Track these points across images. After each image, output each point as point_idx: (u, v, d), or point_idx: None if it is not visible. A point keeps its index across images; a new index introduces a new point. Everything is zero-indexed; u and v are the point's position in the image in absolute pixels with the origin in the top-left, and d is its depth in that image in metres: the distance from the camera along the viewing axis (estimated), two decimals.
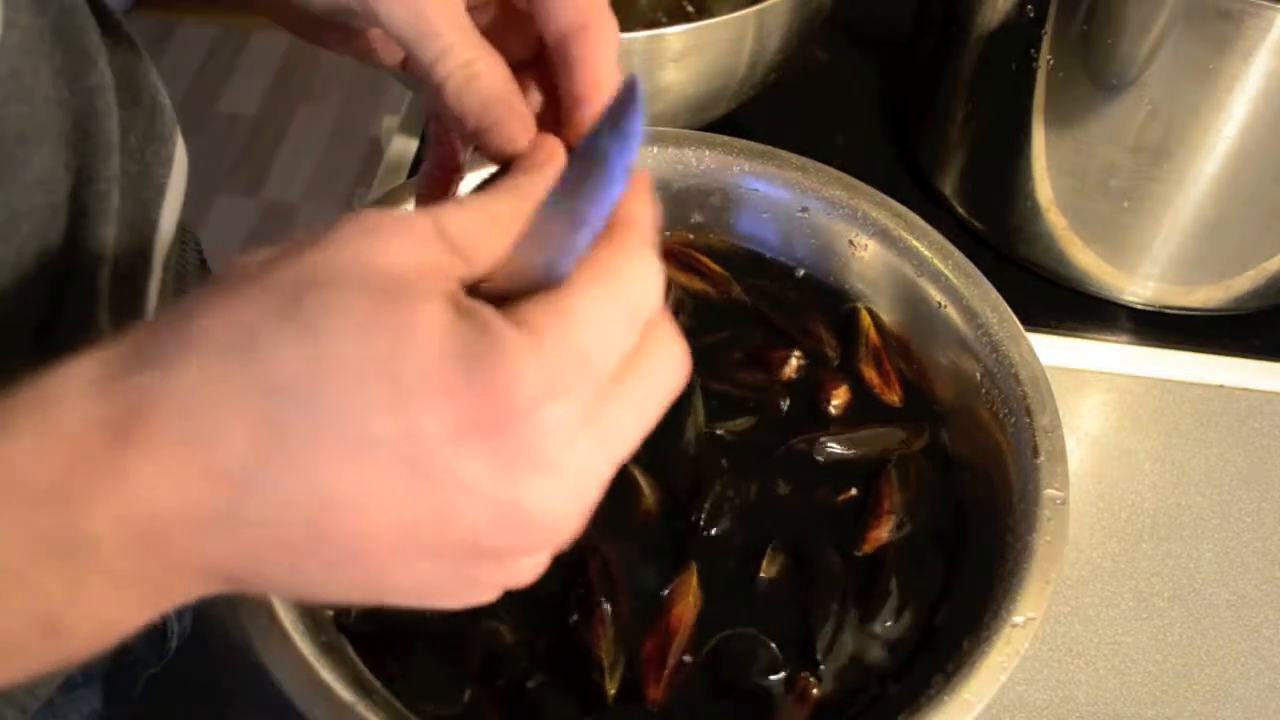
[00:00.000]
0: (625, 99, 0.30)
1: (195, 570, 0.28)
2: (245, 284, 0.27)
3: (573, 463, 0.28)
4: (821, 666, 0.45)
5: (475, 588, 0.30)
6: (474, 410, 0.26)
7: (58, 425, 0.26)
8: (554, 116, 0.39)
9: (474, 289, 0.29)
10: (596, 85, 0.36)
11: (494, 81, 0.36)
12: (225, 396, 0.26)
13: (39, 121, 0.40)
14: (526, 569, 0.30)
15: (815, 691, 0.44)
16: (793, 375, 0.54)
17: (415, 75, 0.38)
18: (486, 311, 0.27)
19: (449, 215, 0.29)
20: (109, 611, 0.28)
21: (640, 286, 0.29)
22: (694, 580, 0.46)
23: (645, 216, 0.31)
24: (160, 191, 0.49)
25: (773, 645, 0.45)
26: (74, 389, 0.27)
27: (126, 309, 0.46)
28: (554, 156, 0.34)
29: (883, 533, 0.48)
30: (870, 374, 0.54)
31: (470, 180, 0.43)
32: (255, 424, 0.26)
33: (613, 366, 0.28)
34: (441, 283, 0.28)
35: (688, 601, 0.46)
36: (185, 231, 0.55)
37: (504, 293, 0.29)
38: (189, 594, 0.28)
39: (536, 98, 0.39)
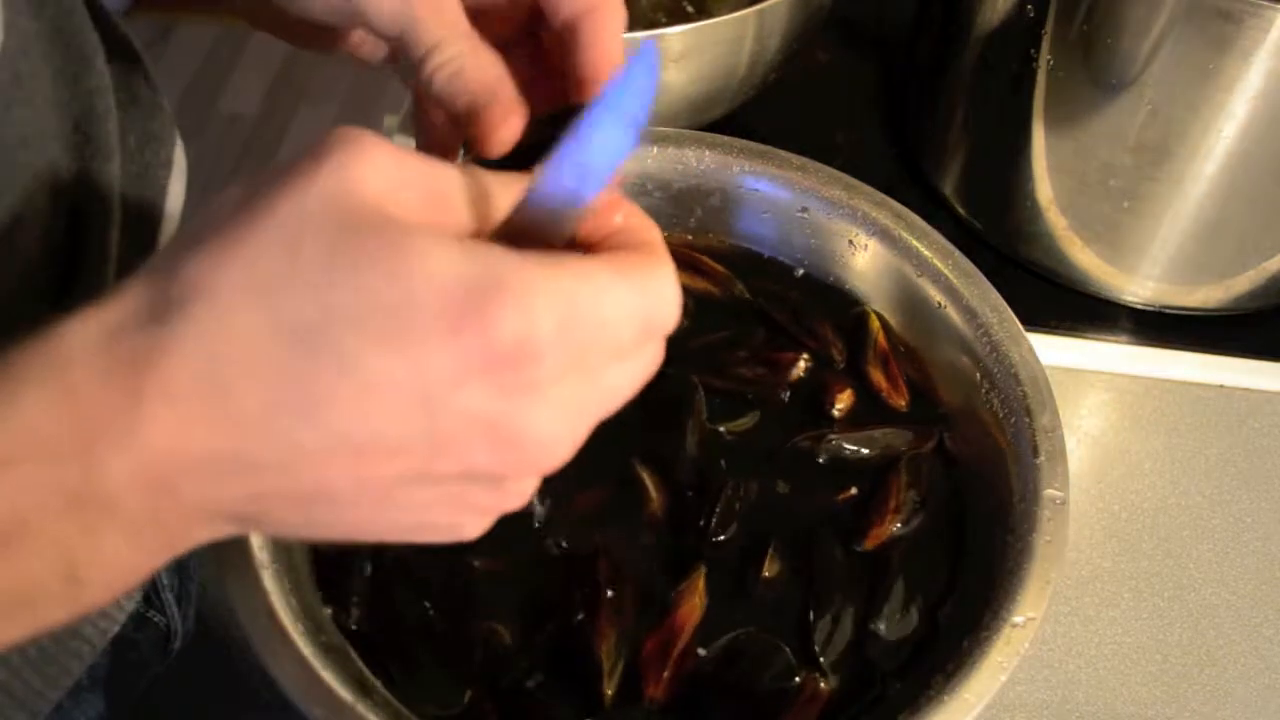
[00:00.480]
0: (639, 58, 0.30)
1: (207, 514, 0.28)
2: (239, 229, 0.27)
3: (568, 398, 0.29)
4: (821, 659, 0.45)
5: (468, 513, 0.31)
6: (481, 345, 0.27)
7: (70, 382, 0.26)
8: (547, 96, 0.39)
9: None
10: (609, 62, 0.37)
11: (482, 73, 0.36)
12: (237, 346, 0.27)
13: (40, 125, 0.40)
14: (517, 493, 0.31)
15: (824, 686, 0.44)
16: (800, 376, 0.54)
17: (403, 70, 0.38)
18: (493, 247, 0.28)
19: (436, 164, 0.30)
20: (125, 558, 0.28)
21: (661, 302, 0.30)
22: (701, 583, 0.46)
23: (664, 247, 0.31)
24: (161, 193, 0.49)
25: (785, 649, 0.45)
26: (84, 343, 0.27)
27: None
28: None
29: (886, 530, 0.48)
30: (878, 378, 0.54)
31: None
32: (267, 371, 0.27)
33: (612, 351, 0.29)
34: (437, 221, 0.28)
35: (693, 603, 0.46)
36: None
37: (510, 241, 0.29)
38: (199, 538, 0.29)
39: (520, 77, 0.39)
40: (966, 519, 0.50)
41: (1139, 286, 0.69)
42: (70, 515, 0.27)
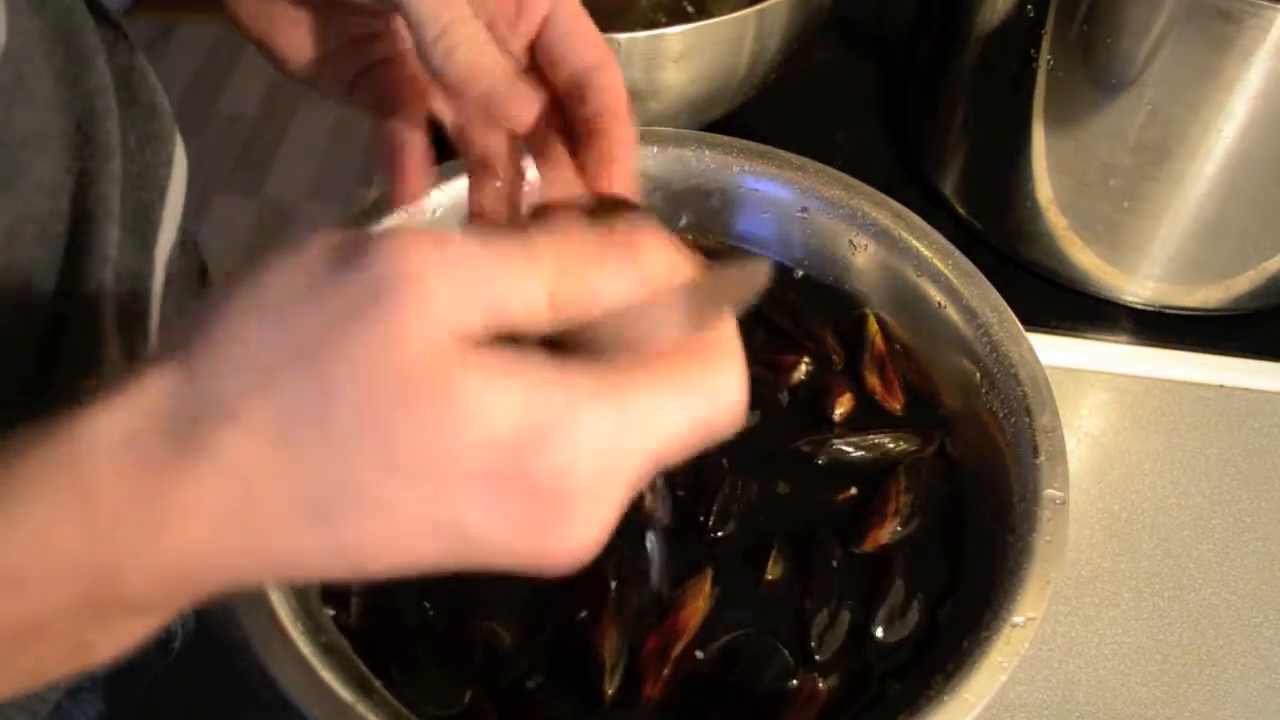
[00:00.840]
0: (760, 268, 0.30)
1: (213, 587, 0.28)
2: (287, 354, 0.26)
3: (602, 511, 0.28)
4: (816, 656, 0.45)
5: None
6: (518, 487, 0.26)
7: (90, 494, 0.25)
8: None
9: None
10: (620, 103, 0.38)
11: (479, 47, 0.37)
12: (268, 470, 0.26)
13: (41, 125, 0.40)
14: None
15: (822, 685, 0.44)
16: (800, 379, 0.54)
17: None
18: (547, 376, 0.26)
19: (508, 277, 0.26)
20: (138, 633, 0.28)
21: (725, 403, 0.28)
22: (707, 586, 0.46)
23: (736, 344, 0.30)
24: (161, 193, 0.49)
25: (784, 650, 0.45)
26: (105, 452, 0.26)
27: (130, 311, 0.46)
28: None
29: (885, 532, 0.48)
30: (873, 381, 0.54)
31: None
32: (297, 501, 0.26)
33: (664, 455, 0.28)
34: (490, 390, 0.26)
35: (697, 605, 0.46)
36: (185, 234, 0.55)
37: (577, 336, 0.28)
38: (201, 601, 0.29)
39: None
40: (966, 519, 0.50)
41: (1139, 286, 0.69)
42: (87, 615, 0.27)
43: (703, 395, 0.28)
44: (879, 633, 0.46)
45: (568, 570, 0.29)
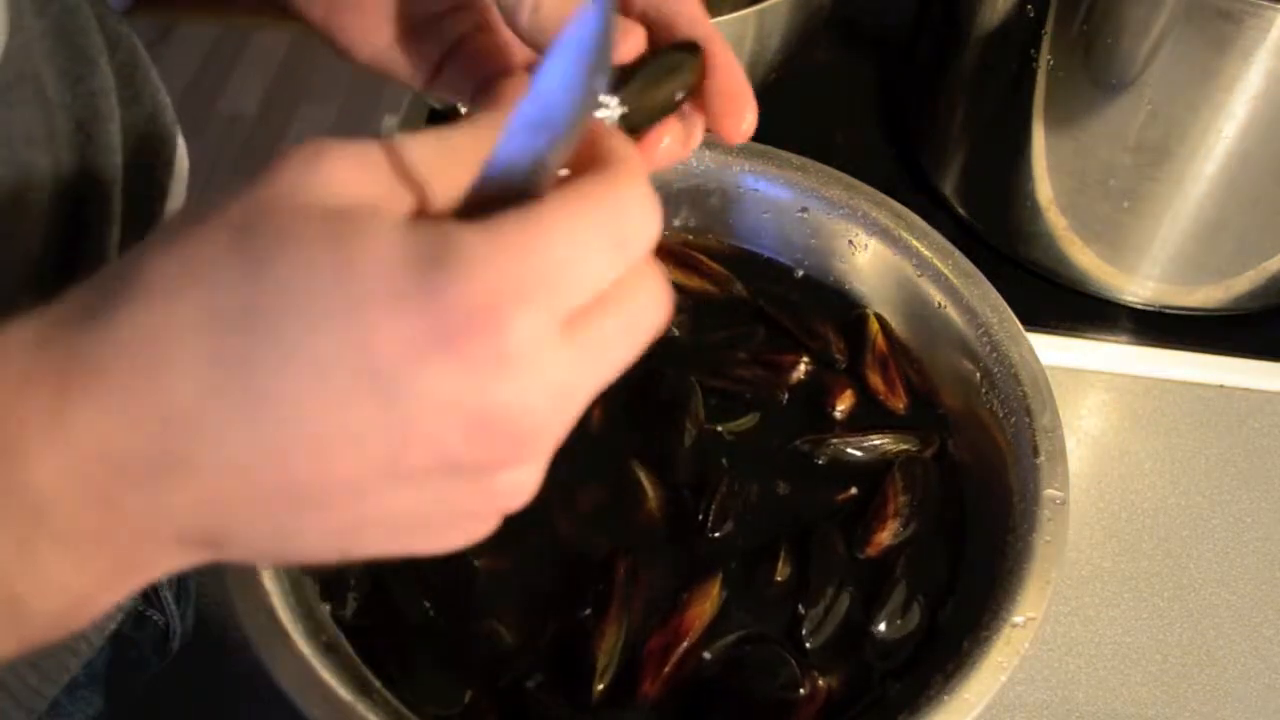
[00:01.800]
0: (590, 10, 0.27)
1: (161, 533, 0.26)
2: (188, 225, 0.26)
3: (546, 366, 0.25)
4: (807, 645, 0.45)
5: (461, 517, 0.28)
6: (430, 316, 0.24)
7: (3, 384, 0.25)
8: None
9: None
10: (700, 27, 0.36)
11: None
12: (171, 334, 0.24)
13: (44, 124, 0.40)
14: (513, 487, 0.27)
15: (822, 684, 0.44)
16: (800, 378, 0.54)
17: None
18: (442, 222, 0.25)
19: (401, 144, 0.27)
20: (70, 579, 0.26)
21: (627, 214, 0.26)
22: (716, 589, 0.46)
23: (634, 157, 0.28)
24: (162, 193, 0.49)
25: (792, 660, 0.45)
26: (13, 344, 0.25)
27: None
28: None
29: (887, 536, 0.48)
30: (875, 380, 0.54)
31: None
32: (203, 360, 0.24)
33: (589, 288, 0.26)
34: (392, 206, 0.26)
35: (704, 607, 0.46)
36: None
37: (480, 212, 0.26)
38: (163, 562, 0.27)
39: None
40: (966, 519, 0.50)
41: (1139, 286, 0.69)
42: (5, 539, 0.25)
43: (597, 204, 0.26)
44: (880, 632, 0.46)
45: (537, 451, 0.27)
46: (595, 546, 0.47)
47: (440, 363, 0.24)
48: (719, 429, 0.52)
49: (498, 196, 0.26)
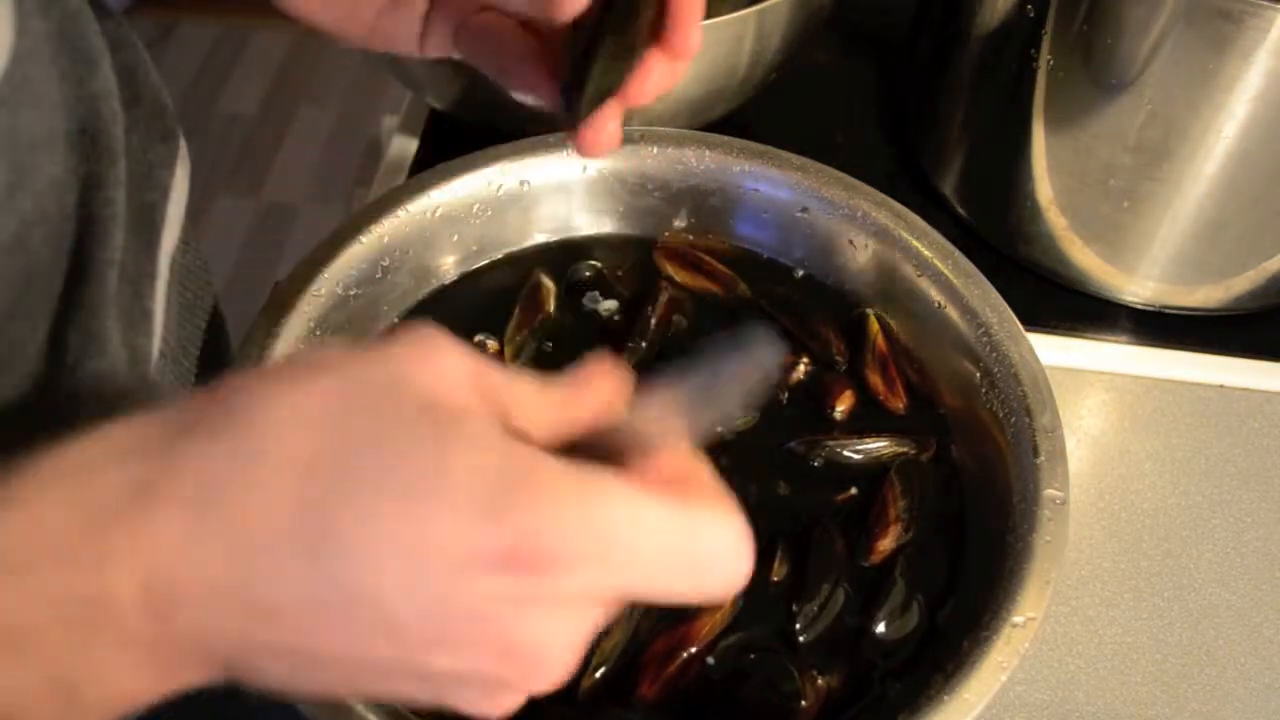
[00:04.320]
0: (762, 336, 0.30)
1: (198, 651, 0.27)
2: (301, 376, 0.27)
3: (578, 625, 0.28)
4: (800, 639, 0.45)
5: (456, 704, 0.30)
6: (495, 539, 0.26)
7: (88, 487, 0.26)
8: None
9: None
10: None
11: None
12: (261, 475, 0.26)
13: (48, 128, 0.40)
14: (503, 704, 0.29)
15: (822, 683, 0.44)
16: (799, 379, 0.54)
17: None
18: (545, 452, 0.27)
19: (505, 371, 0.30)
20: (124, 681, 0.27)
21: (719, 552, 0.29)
22: (731, 600, 0.46)
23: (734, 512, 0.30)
24: (165, 193, 0.49)
25: (795, 673, 0.45)
26: (107, 452, 0.27)
27: (134, 310, 0.46)
28: (610, 377, 0.33)
29: (889, 542, 0.48)
30: (876, 381, 0.54)
31: None
32: (284, 508, 0.26)
33: (642, 591, 0.28)
34: (488, 420, 0.28)
35: (715, 616, 0.46)
36: (186, 233, 0.55)
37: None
38: (186, 678, 0.28)
39: None
40: (966, 519, 0.50)
41: (1139, 286, 0.69)
42: (77, 627, 0.26)
43: (695, 525, 0.28)
44: (880, 632, 0.46)
45: (537, 688, 0.29)
46: None
47: (495, 582, 0.26)
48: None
49: (599, 450, 0.29)
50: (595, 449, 0.29)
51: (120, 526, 0.26)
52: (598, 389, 0.31)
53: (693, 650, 0.45)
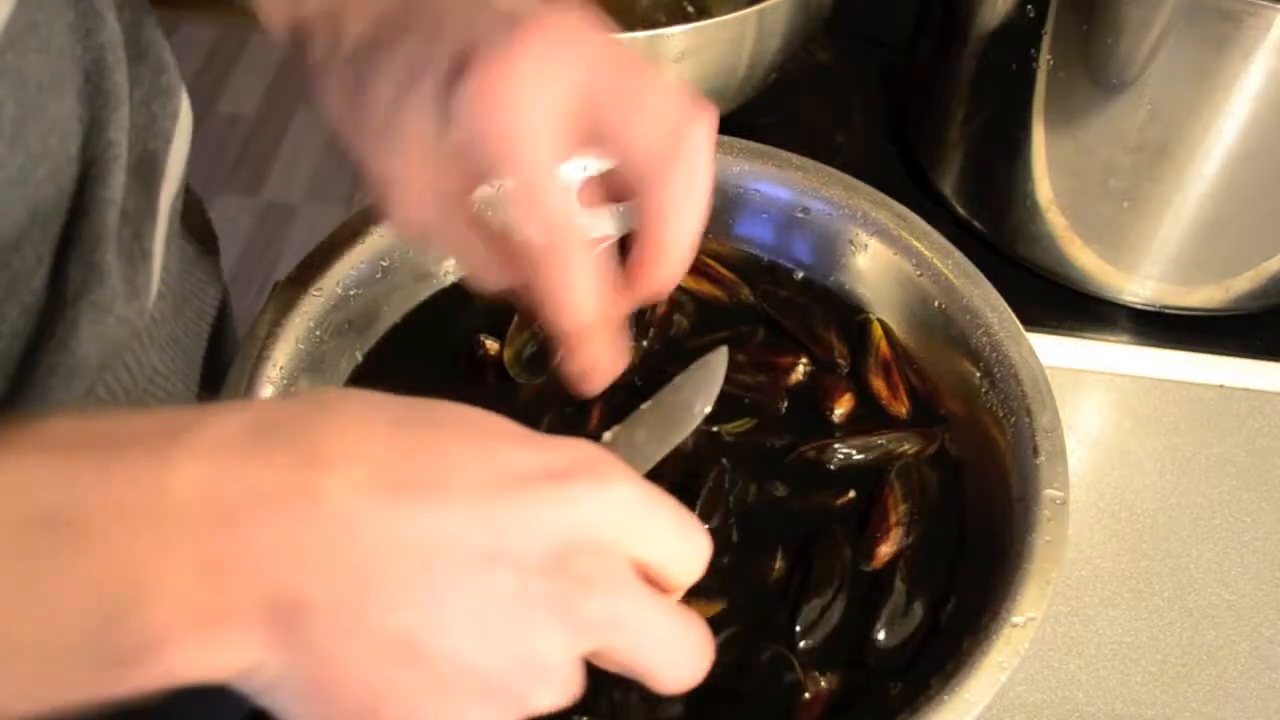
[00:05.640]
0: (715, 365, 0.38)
1: (252, 569, 0.28)
2: (365, 398, 0.30)
3: (585, 644, 0.30)
4: (801, 644, 0.45)
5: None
6: (547, 454, 0.30)
7: (176, 537, 0.27)
8: None
9: None
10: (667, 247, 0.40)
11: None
12: (358, 549, 0.27)
13: (55, 72, 0.41)
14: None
15: (822, 685, 0.44)
16: (799, 380, 0.54)
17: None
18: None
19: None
20: (168, 600, 0.27)
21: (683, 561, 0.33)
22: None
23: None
24: (167, 141, 0.50)
25: (796, 666, 0.45)
26: (191, 450, 0.28)
27: (133, 253, 0.47)
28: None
29: (890, 547, 0.48)
30: (879, 385, 0.53)
31: None
32: (350, 562, 0.27)
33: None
34: None
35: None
36: (189, 190, 0.55)
37: None
38: (238, 621, 0.28)
39: None
40: (966, 519, 0.50)
41: (1139, 286, 0.69)
42: (129, 514, 0.27)
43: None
44: (880, 633, 0.46)
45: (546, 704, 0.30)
46: None
47: (545, 491, 0.29)
48: (716, 430, 0.52)
49: None
50: None
51: (189, 523, 0.27)
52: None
53: None
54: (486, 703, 0.29)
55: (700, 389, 0.46)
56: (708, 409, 0.44)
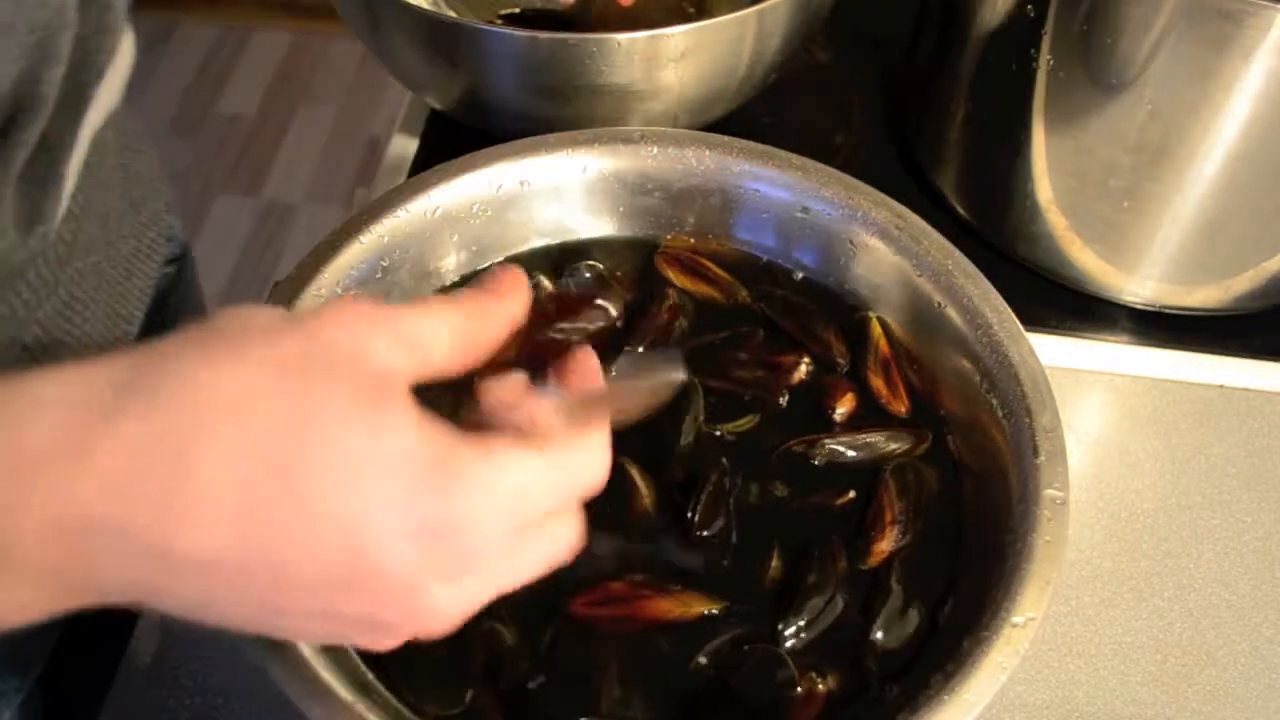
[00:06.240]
0: (671, 354, 0.38)
1: (111, 584, 0.30)
2: (237, 347, 0.30)
3: (480, 581, 0.33)
4: (795, 645, 0.45)
5: (344, 639, 0.35)
6: (430, 514, 0.30)
7: (25, 428, 0.28)
8: None
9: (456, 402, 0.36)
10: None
11: None
12: (201, 439, 0.28)
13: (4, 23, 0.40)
14: (390, 640, 0.34)
15: (821, 687, 0.44)
16: (801, 379, 0.54)
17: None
18: (448, 428, 0.32)
19: (416, 319, 0.34)
20: (18, 596, 0.29)
21: (587, 471, 0.34)
22: (696, 605, 0.46)
23: (601, 430, 0.35)
24: (99, 75, 0.49)
25: (788, 662, 0.45)
26: (51, 398, 0.29)
27: (46, 179, 0.47)
28: (518, 286, 0.38)
29: (887, 544, 0.48)
30: (878, 384, 0.54)
31: None
32: (222, 476, 0.28)
33: (538, 515, 0.33)
34: (410, 369, 0.32)
35: (667, 606, 0.46)
36: (128, 127, 0.57)
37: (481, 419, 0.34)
38: (94, 602, 0.30)
39: None
40: (966, 519, 0.50)
41: (1139, 286, 0.69)
42: None
43: (572, 470, 0.34)
44: (879, 633, 0.46)
45: (425, 635, 0.34)
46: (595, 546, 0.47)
47: (415, 547, 0.30)
48: (717, 431, 0.52)
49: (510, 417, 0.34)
50: (508, 421, 0.34)
51: (46, 472, 0.28)
52: (504, 300, 0.37)
53: (634, 624, 0.45)
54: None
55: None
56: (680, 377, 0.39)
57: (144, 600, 0.31)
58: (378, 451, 0.30)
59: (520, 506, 0.32)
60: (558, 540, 0.35)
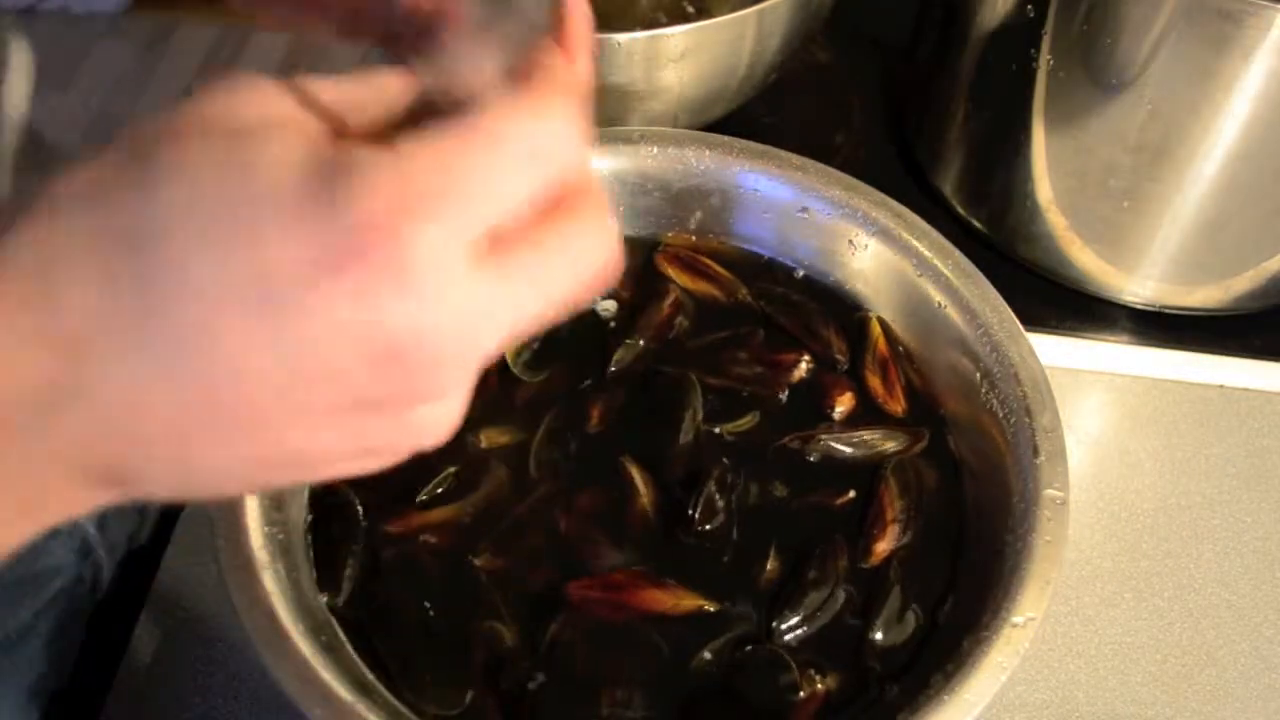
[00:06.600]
0: None
1: (65, 463, 0.25)
2: (103, 148, 0.25)
3: (450, 287, 0.23)
4: (793, 642, 0.45)
5: (370, 452, 0.27)
6: (323, 235, 0.23)
7: None
8: None
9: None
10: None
11: None
12: (60, 256, 0.23)
13: None
14: (426, 422, 0.26)
15: (821, 686, 0.44)
16: (801, 377, 0.54)
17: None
18: (347, 142, 0.24)
19: (324, 80, 0.26)
20: None
21: (542, 127, 0.25)
22: (685, 599, 0.46)
23: (558, 71, 0.27)
24: None
25: (792, 664, 0.45)
26: None
27: None
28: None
29: (887, 544, 0.48)
30: (875, 383, 0.54)
31: None
32: (92, 283, 0.23)
33: (500, 205, 0.24)
34: (301, 128, 0.25)
35: (656, 595, 0.46)
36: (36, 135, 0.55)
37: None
38: (69, 500, 0.26)
39: None
40: (966, 519, 0.50)
41: (1139, 286, 0.69)
42: None
43: (522, 126, 0.25)
44: (878, 635, 0.46)
45: (450, 385, 0.25)
46: (594, 546, 0.48)
47: (332, 286, 0.23)
48: (717, 429, 0.52)
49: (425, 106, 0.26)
50: (430, 111, 0.26)
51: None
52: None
53: (623, 612, 0.45)
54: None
55: None
56: None
57: (121, 485, 0.26)
58: (245, 190, 0.23)
59: (473, 195, 0.24)
60: (586, 233, 0.26)
